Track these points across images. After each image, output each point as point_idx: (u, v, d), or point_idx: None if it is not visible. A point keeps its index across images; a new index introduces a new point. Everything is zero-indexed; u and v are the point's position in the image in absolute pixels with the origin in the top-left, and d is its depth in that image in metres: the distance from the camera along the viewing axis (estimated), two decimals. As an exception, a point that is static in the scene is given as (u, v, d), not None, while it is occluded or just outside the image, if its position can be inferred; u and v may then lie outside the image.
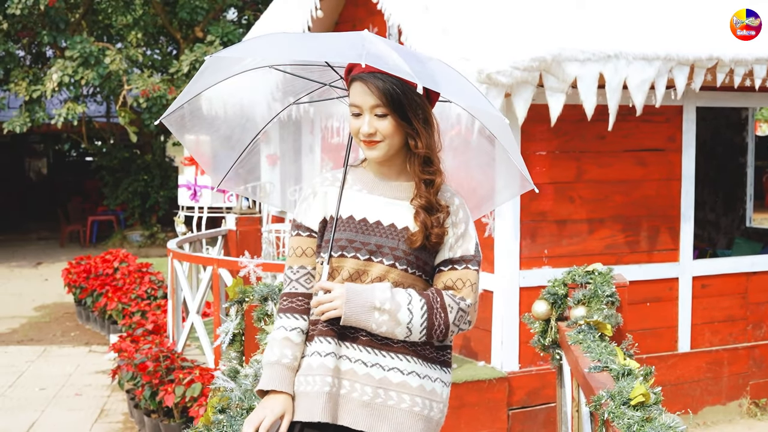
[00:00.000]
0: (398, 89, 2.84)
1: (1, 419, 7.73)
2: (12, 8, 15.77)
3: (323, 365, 2.89)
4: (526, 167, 3.23)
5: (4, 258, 18.37)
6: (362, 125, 2.89)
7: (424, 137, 2.88)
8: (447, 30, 6.46)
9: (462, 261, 2.96)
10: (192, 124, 3.34)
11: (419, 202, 2.91)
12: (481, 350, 6.95)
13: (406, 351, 2.91)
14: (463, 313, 2.93)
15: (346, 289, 2.86)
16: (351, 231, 2.95)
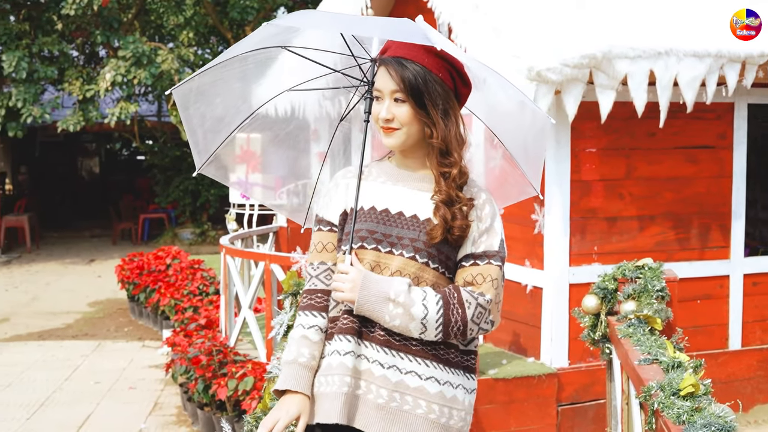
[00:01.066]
0: (420, 77, 2.78)
1: (58, 411, 7.89)
2: (66, 9, 16.02)
3: (342, 364, 2.81)
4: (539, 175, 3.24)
5: (58, 255, 18.67)
6: (381, 110, 2.84)
7: (440, 128, 2.81)
8: (497, 28, 6.50)
9: (484, 256, 2.84)
10: (195, 99, 3.24)
11: (439, 197, 2.84)
12: (531, 346, 6.98)
13: (426, 354, 2.81)
14: (483, 309, 2.80)
15: (363, 275, 2.78)
16: (372, 222, 2.87)
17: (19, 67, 15.94)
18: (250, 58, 3.12)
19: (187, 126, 3.25)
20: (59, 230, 22.43)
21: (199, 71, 3.11)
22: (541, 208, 6.80)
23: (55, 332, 11.34)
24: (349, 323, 2.83)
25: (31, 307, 13.13)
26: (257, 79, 3.23)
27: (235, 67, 3.13)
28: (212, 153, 3.31)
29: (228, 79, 3.19)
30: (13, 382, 8.85)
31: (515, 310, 7.13)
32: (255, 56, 3.12)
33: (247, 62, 3.14)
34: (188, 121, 3.25)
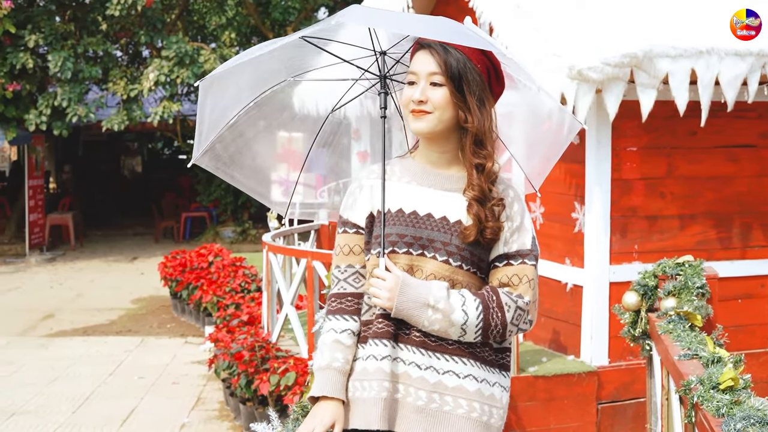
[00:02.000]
0: (461, 63, 2.74)
1: (103, 405, 8.02)
2: (111, 9, 16.22)
3: (380, 369, 2.77)
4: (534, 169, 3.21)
5: (102, 253, 18.90)
6: (414, 92, 2.77)
7: (476, 115, 2.74)
8: (538, 27, 6.53)
9: (518, 256, 2.78)
10: (214, 90, 3.18)
11: (472, 193, 2.77)
12: (571, 344, 7.00)
13: (462, 353, 2.77)
14: (522, 312, 2.76)
15: (401, 281, 2.72)
16: (401, 225, 2.81)
17: (65, 67, 16.17)
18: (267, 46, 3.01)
19: (198, 118, 3.19)
20: (102, 228, 22.69)
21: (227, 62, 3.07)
22: (582, 207, 6.82)
23: (99, 328, 11.51)
24: (384, 327, 2.79)
25: (76, 303, 13.32)
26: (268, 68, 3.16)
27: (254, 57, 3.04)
28: (209, 143, 3.21)
29: (243, 68, 3.12)
30: (59, 377, 9.01)
31: (555, 308, 7.16)
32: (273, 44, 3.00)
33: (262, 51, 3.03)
34: (201, 113, 3.18)
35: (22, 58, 16.27)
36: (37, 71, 16.86)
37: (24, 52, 16.42)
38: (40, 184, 19.39)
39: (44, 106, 16.61)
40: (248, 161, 3.36)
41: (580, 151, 6.82)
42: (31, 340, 10.75)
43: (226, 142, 3.26)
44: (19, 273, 16.32)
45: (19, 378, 8.97)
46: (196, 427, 7.47)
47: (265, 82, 3.19)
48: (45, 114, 16.63)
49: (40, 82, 17.31)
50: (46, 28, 16.62)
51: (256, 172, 3.43)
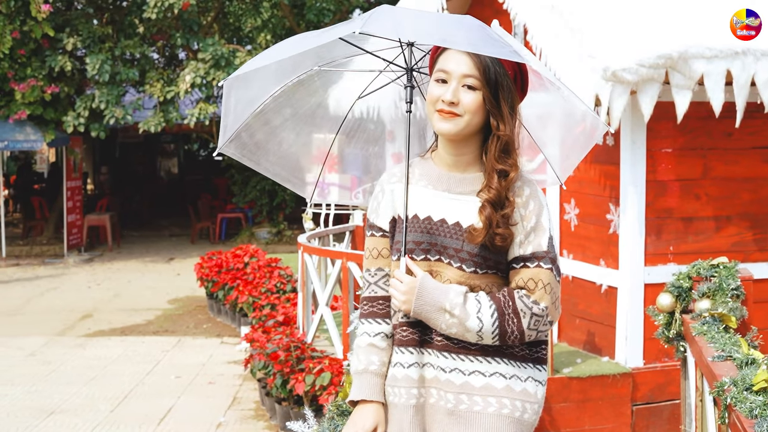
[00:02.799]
0: (498, 68, 2.68)
1: (140, 404, 8.11)
2: (148, 12, 16.38)
3: (407, 377, 2.79)
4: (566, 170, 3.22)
5: (139, 254, 19.06)
6: (445, 92, 2.70)
7: (508, 123, 2.71)
8: (573, 28, 6.53)
9: (534, 258, 2.72)
10: (238, 86, 3.19)
11: (487, 195, 2.72)
12: (605, 346, 7.00)
13: (486, 352, 2.74)
14: (539, 318, 2.71)
15: (420, 283, 2.72)
16: (416, 231, 2.79)
17: (102, 70, 16.34)
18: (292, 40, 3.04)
19: (223, 110, 3.21)
20: (139, 229, 22.88)
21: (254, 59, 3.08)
22: (617, 208, 6.81)
23: (136, 328, 11.62)
24: (409, 335, 2.80)
25: (113, 303, 13.45)
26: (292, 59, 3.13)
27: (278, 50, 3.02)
28: (234, 131, 3.21)
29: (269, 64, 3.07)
30: (97, 376, 9.11)
31: (590, 310, 7.16)
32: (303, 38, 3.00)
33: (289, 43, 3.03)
34: (226, 106, 3.19)
35: (61, 61, 16.46)
36: (75, 74, 17.05)
37: (62, 55, 16.61)
38: (78, 186, 19.58)
39: (82, 108, 16.80)
40: (274, 147, 3.37)
41: (615, 152, 6.81)
42: (69, 340, 10.87)
43: (252, 130, 3.27)
44: (57, 273, 16.49)
45: (58, 377, 9.08)
46: (232, 426, 7.54)
47: (290, 71, 3.19)
48: (83, 116, 16.81)
49: (78, 84, 17.50)
50: (84, 31, 16.80)
51: (282, 158, 3.43)
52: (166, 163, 32.17)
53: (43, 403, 8.16)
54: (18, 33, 15.98)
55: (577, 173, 7.22)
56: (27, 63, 16.66)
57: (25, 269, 17.02)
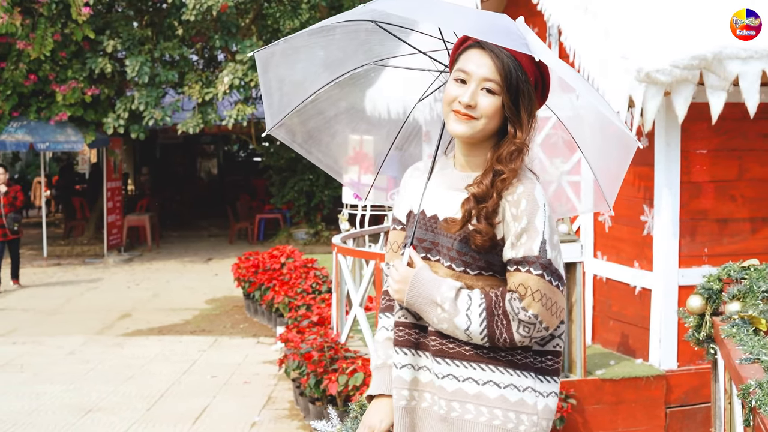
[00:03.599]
0: (520, 74, 2.60)
1: (177, 403, 8.18)
2: (186, 15, 16.50)
3: (399, 378, 2.74)
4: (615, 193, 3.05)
5: (178, 254, 19.20)
6: (463, 94, 2.62)
7: (526, 130, 2.63)
8: (607, 30, 6.51)
9: (524, 263, 2.59)
10: (276, 63, 3.13)
11: (475, 189, 2.63)
12: (639, 348, 6.97)
13: (481, 359, 2.65)
14: (528, 325, 2.58)
15: (414, 274, 2.67)
16: (421, 228, 2.76)
17: (142, 72, 16.49)
18: (338, 29, 3.02)
19: (264, 88, 3.15)
20: (178, 229, 23.05)
21: (286, 38, 3.06)
22: (651, 210, 6.79)
23: (174, 328, 11.71)
24: (404, 335, 2.75)
25: (152, 303, 13.57)
26: (342, 49, 3.12)
27: (322, 36, 3.04)
28: (285, 116, 3.17)
29: (312, 46, 3.09)
30: (135, 375, 9.20)
31: (624, 311, 7.13)
32: (343, 27, 3.01)
33: (335, 33, 3.04)
34: (266, 84, 3.14)
35: (101, 63, 16.63)
36: (115, 76, 17.22)
37: (102, 57, 16.79)
38: (118, 186, 19.77)
39: (122, 109, 16.96)
40: (327, 139, 3.34)
41: (649, 153, 6.79)
42: (108, 339, 10.99)
43: (304, 117, 3.23)
44: (97, 273, 16.66)
45: (96, 376, 9.18)
46: (267, 425, 7.59)
47: (344, 63, 3.14)
48: (122, 117, 16.98)
49: (118, 86, 17.67)
50: (124, 33, 16.97)
51: (334, 150, 3.39)
52: (206, 164, 32.41)
53: (81, 401, 8.25)
54: (59, 35, 16.16)
55: (612, 174, 7.19)
56: (68, 65, 16.85)
57: (66, 269, 17.21)
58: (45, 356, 10.06)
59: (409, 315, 2.77)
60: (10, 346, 10.58)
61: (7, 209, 14.16)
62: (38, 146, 17.15)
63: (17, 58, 16.31)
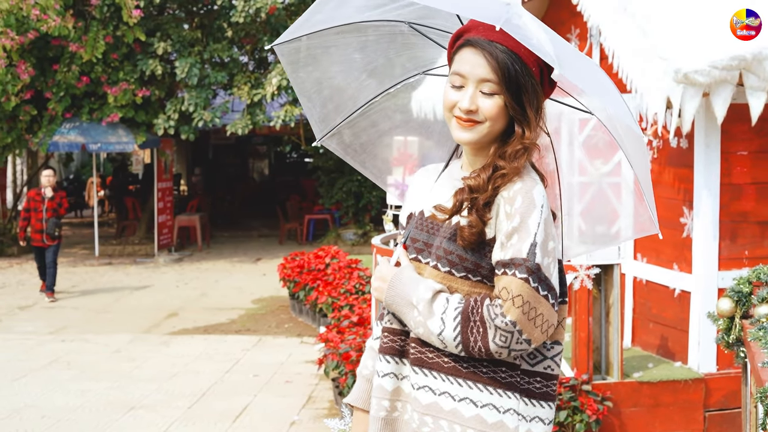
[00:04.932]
0: (519, 69, 2.38)
1: (218, 402, 8.26)
2: (236, 17, 16.65)
3: (380, 387, 2.56)
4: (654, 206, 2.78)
5: (227, 254, 19.36)
6: (462, 99, 2.43)
7: (534, 128, 2.43)
8: (645, 30, 6.47)
9: (511, 265, 2.35)
10: (306, 62, 2.94)
11: (470, 181, 2.46)
12: (678, 351, 6.91)
13: (459, 372, 2.44)
14: (505, 333, 2.32)
15: (395, 273, 2.52)
16: (416, 228, 2.60)
17: (191, 73, 16.66)
18: (370, 29, 2.81)
19: (299, 89, 2.99)
20: (229, 230, 23.23)
21: (305, 30, 2.81)
22: (690, 212, 6.73)
23: (219, 327, 11.82)
24: (389, 342, 2.58)
25: (200, 302, 13.70)
26: (383, 53, 2.93)
27: (353, 36, 2.84)
28: (335, 127, 3.01)
29: (345, 47, 2.89)
30: (178, 373, 9.31)
31: (663, 314, 7.08)
32: (376, 28, 2.81)
33: (367, 34, 2.84)
34: (300, 85, 2.98)
35: (152, 65, 16.83)
36: (165, 77, 17.40)
37: (153, 59, 16.98)
38: (169, 187, 19.98)
39: (172, 111, 17.15)
40: (383, 153, 3.17)
41: (689, 155, 6.74)
42: (154, 338, 11.12)
43: (356, 130, 3.06)
44: (147, 273, 16.85)
45: (140, 373, 9.30)
46: (306, 424, 7.63)
47: (391, 72, 2.97)
48: (173, 119, 17.17)
49: (168, 87, 17.86)
50: (174, 35, 17.15)
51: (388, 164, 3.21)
52: (258, 165, 32.66)
53: (125, 398, 8.37)
54: (111, 38, 16.38)
55: (652, 176, 7.14)
56: (119, 67, 17.08)
57: (117, 268, 17.43)
58: (92, 354, 10.21)
59: (396, 320, 2.58)
60: (59, 343, 10.76)
61: (49, 214, 13.51)
62: (90, 147, 17.40)
63: (70, 60, 16.56)
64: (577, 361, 6.36)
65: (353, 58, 2.92)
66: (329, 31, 2.78)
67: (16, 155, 19.73)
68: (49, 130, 17.19)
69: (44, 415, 7.85)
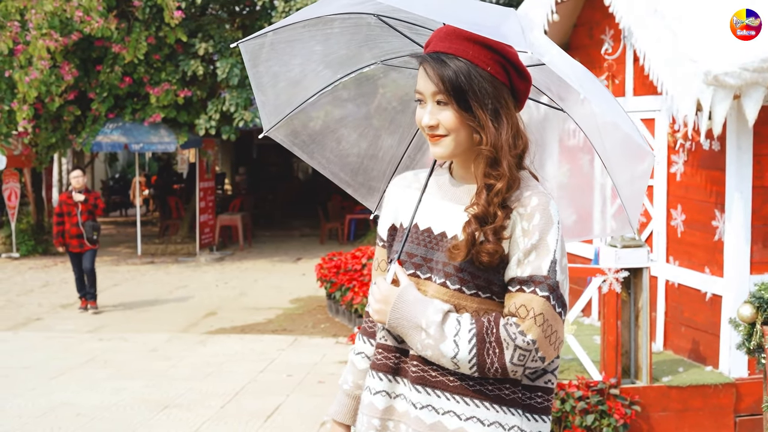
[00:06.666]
0: (462, 74, 2.34)
1: (250, 401, 8.32)
2: (276, 17, 16.74)
3: (371, 405, 2.51)
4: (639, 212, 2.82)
5: (268, 253, 19.46)
6: (423, 115, 2.42)
7: (490, 132, 2.36)
8: (675, 32, 6.43)
9: (531, 282, 2.33)
10: (267, 57, 2.88)
11: (473, 210, 2.39)
12: (710, 355, 6.85)
13: (466, 391, 2.40)
14: (523, 352, 2.31)
15: (399, 293, 2.42)
16: (412, 243, 2.51)
17: (232, 74, 16.76)
18: (336, 21, 2.78)
19: (255, 83, 2.92)
20: (271, 229, 23.35)
21: (273, 27, 2.79)
22: (722, 215, 6.67)
23: (256, 326, 11.89)
24: (383, 359, 2.52)
25: (238, 302, 13.80)
26: (344, 45, 2.88)
27: (318, 29, 2.80)
28: (285, 116, 2.95)
29: (308, 40, 2.84)
30: (213, 372, 9.38)
31: (695, 318, 7.02)
32: (343, 21, 2.78)
33: (333, 26, 2.81)
34: (257, 79, 2.91)
35: (193, 66, 16.96)
36: (207, 78, 17.53)
37: (195, 60, 17.11)
38: (211, 186, 20.12)
39: (213, 111, 17.27)
40: (331, 144, 3.10)
41: (721, 157, 6.67)
42: (191, 337, 11.22)
43: (305, 120, 3.00)
44: (188, 272, 17.00)
45: (176, 372, 9.39)
46: (336, 425, 7.65)
47: (348, 62, 2.91)
48: (214, 119, 17.29)
49: (210, 88, 17.99)
50: (215, 36, 17.27)
51: (340, 157, 3.12)
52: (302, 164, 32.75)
53: (159, 397, 8.45)
54: (153, 39, 16.54)
55: (684, 178, 7.10)
56: (161, 68, 17.23)
57: (159, 267, 17.59)
58: (129, 352, 10.32)
59: (390, 337, 2.52)
60: (97, 342, 10.89)
61: (85, 217, 12.52)
62: (132, 147, 17.58)
63: (113, 61, 16.75)
64: (606, 365, 6.33)
65: (314, 50, 2.88)
66: (296, 25, 2.75)
67: (62, 155, 19.98)
68: (93, 130, 17.39)
69: (79, 413, 7.95)
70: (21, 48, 14.99)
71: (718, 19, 6.39)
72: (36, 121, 16.73)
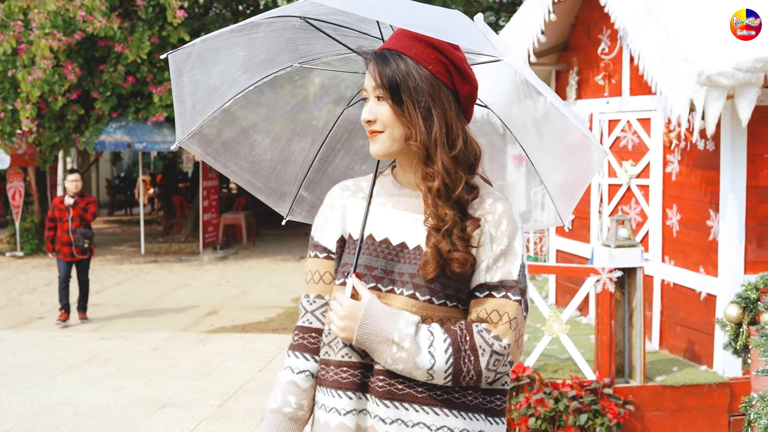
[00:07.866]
0: (400, 71, 2.33)
1: (248, 400, 8.35)
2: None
3: (343, 425, 2.39)
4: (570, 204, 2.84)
5: (271, 252, 19.50)
6: (364, 110, 2.41)
7: (418, 128, 2.33)
8: (669, 32, 6.44)
9: (501, 287, 2.33)
10: (192, 66, 2.79)
11: (429, 222, 2.34)
12: (704, 355, 6.86)
13: (435, 402, 2.36)
14: (499, 357, 2.31)
15: (366, 308, 2.34)
16: (371, 255, 2.42)
17: (234, 73, 16.78)
18: (263, 26, 2.69)
19: (176, 94, 2.81)
20: (275, 228, 23.37)
21: (204, 37, 2.73)
22: (717, 215, 6.68)
23: (257, 325, 11.92)
24: (349, 377, 2.42)
25: (240, 300, 13.83)
26: (264, 49, 2.79)
27: (244, 34, 2.72)
28: (197, 125, 2.86)
29: (233, 47, 2.76)
30: (212, 371, 9.41)
31: (690, 317, 7.03)
32: (269, 25, 2.69)
33: (258, 31, 2.72)
34: (179, 89, 2.81)
35: (196, 65, 16.98)
36: (210, 77, 17.54)
37: (198, 59, 17.13)
38: (215, 185, 20.15)
39: (216, 110, 17.29)
40: (244, 150, 3.03)
41: (715, 157, 6.69)
42: (191, 336, 11.24)
43: (219, 127, 2.92)
44: (191, 271, 17.03)
45: (175, 371, 9.42)
46: (333, 424, 7.68)
47: (265, 65, 2.84)
48: (216, 118, 17.31)
49: (213, 87, 18.00)
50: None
51: (253, 163, 3.05)
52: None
53: (157, 396, 8.48)
54: (156, 38, 16.58)
55: (679, 178, 7.12)
56: (164, 67, 17.25)
57: (162, 266, 17.63)
58: (129, 351, 10.35)
59: (354, 353, 2.42)
60: (98, 341, 10.92)
61: (76, 223, 11.58)
62: (135, 146, 17.64)
63: (116, 60, 16.80)
64: (599, 364, 6.35)
65: (237, 56, 2.80)
66: (225, 31, 2.69)
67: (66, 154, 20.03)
68: (96, 129, 17.45)
69: (77, 411, 7.99)
70: (24, 47, 15.04)
71: (712, 20, 6.40)
72: (39, 120, 16.77)
